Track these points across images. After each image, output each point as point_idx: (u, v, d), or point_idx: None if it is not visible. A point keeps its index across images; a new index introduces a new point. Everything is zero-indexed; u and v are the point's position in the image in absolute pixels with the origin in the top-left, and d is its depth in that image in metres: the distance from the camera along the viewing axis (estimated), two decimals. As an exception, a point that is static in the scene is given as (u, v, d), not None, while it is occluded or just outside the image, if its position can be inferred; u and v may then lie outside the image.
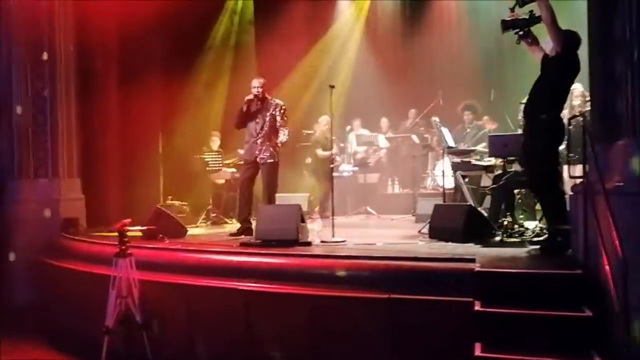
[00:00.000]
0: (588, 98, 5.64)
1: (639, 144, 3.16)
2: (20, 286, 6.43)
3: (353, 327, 3.93)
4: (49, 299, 6.01)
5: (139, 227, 5.54)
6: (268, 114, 5.90)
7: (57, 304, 5.81)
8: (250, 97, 5.88)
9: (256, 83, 5.93)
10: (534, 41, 4.43)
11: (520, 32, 4.40)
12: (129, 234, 4.71)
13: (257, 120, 5.91)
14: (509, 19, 4.40)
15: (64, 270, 5.69)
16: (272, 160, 5.88)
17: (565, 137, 4.43)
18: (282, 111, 5.91)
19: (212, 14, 9.30)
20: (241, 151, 7.95)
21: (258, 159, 5.89)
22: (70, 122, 7.07)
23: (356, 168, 9.27)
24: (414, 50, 10.53)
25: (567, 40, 4.19)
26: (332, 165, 6.23)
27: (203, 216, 7.65)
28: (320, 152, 8.40)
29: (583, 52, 4.08)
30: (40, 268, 6.24)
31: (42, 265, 6.21)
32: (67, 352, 5.26)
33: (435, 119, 7.07)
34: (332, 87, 5.80)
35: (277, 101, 5.99)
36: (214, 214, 7.72)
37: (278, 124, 5.87)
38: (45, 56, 6.81)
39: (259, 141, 5.89)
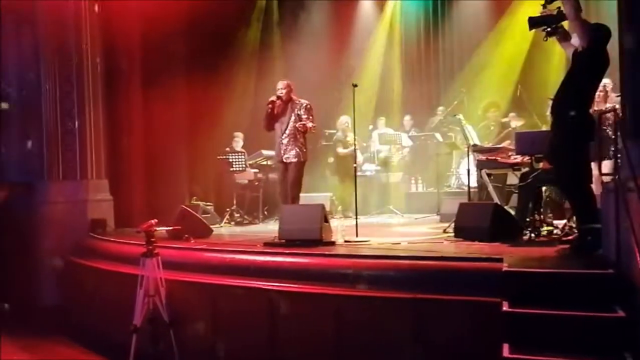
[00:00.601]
0: (608, 91, 5.53)
1: (673, 139, 3.06)
2: (49, 286, 6.56)
3: (378, 327, 3.90)
4: (77, 299, 6.12)
5: (165, 228, 5.60)
6: (293, 114, 5.96)
7: (85, 303, 5.91)
8: (273, 98, 5.95)
9: (280, 85, 6.04)
10: (564, 37, 4.34)
11: (548, 29, 4.33)
12: (155, 234, 4.77)
13: (283, 120, 5.98)
14: (537, 15, 4.34)
15: (93, 270, 5.80)
16: (296, 160, 5.91)
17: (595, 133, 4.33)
18: (306, 109, 5.96)
19: (237, 15, 9.34)
20: (265, 151, 8.05)
21: (284, 159, 5.95)
22: (98, 123, 7.18)
23: (379, 167, 9.23)
24: (438, 48, 10.44)
25: (595, 34, 4.09)
26: (355, 165, 6.20)
27: (227, 216, 7.71)
28: (340, 150, 8.40)
29: (614, 47, 3.98)
30: (69, 268, 6.37)
31: (70, 265, 6.33)
32: (95, 351, 5.34)
33: (460, 116, 6.98)
34: (355, 86, 5.79)
35: (303, 101, 6.04)
36: (238, 214, 7.77)
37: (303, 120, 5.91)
38: (73, 59, 6.92)
39: (284, 141, 5.96)
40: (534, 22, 4.36)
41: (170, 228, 5.76)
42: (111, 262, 5.61)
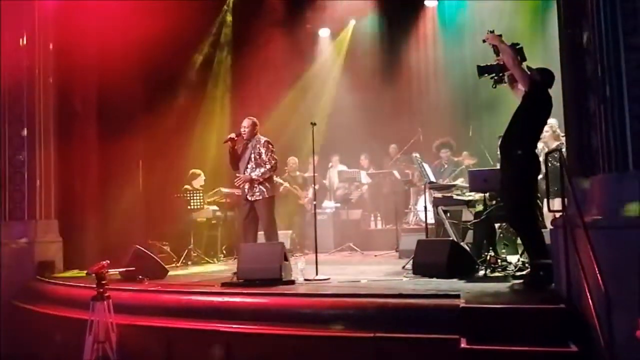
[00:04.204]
0: (556, 131, 5.83)
1: (615, 178, 3.23)
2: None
3: (339, 368, 3.85)
4: (22, 346, 5.77)
5: (117, 269, 5.41)
6: (254, 151, 5.96)
7: (31, 350, 5.57)
8: (232, 135, 5.97)
9: (244, 123, 6.07)
10: (512, 82, 4.58)
11: (495, 77, 4.57)
12: (107, 276, 4.59)
13: (244, 158, 5.97)
14: (484, 65, 4.59)
15: (39, 315, 5.51)
16: (261, 197, 5.87)
17: (543, 171, 4.52)
18: (266, 147, 5.96)
19: (192, 55, 9.41)
20: (224, 189, 7.98)
21: (249, 197, 5.90)
22: (49, 163, 6.96)
23: (338, 204, 9.28)
24: (393, 87, 10.75)
25: (537, 78, 4.34)
26: (314, 202, 6.21)
27: (184, 256, 7.52)
28: (283, 184, 8.47)
29: (557, 88, 4.21)
30: (15, 313, 6.03)
31: (16, 310, 6.00)
32: (41, 402, 5.04)
33: (416, 155, 7.15)
34: (314, 124, 5.85)
35: (262, 138, 6.05)
36: (195, 254, 7.61)
37: (262, 161, 5.91)
38: (24, 98, 6.75)
39: (246, 182, 5.91)
40: (481, 71, 4.61)
41: (124, 269, 5.56)
42: (59, 307, 5.35)
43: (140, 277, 5.53)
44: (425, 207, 6.66)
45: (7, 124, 6.73)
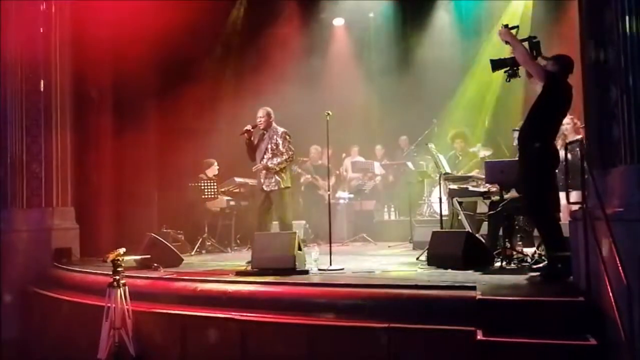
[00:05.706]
0: (577, 123, 5.73)
1: (637, 169, 3.16)
2: (11, 318, 6.29)
3: (352, 357, 3.85)
4: (40, 331, 5.87)
5: (133, 257, 5.46)
6: (271, 142, 5.96)
7: (48, 336, 5.67)
8: (248, 127, 5.97)
9: (259, 113, 6.06)
10: (529, 75, 4.51)
11: (509, 71, 4.50)
12: (123, 263, 4.64)
13: (261, 148, 5.98)
14: (497, 58, 4.52)
15: (56, 301, 5.58)
16: (277, 188, 5.89)
17: (562, 163, 4.45)
18: (283, 137, 5.96)
19: (206, 44, 9.40)
20: (238, 179, 8.01)
21: (264, 187, 5.91)
22: (65, 150, 7.02)
23: (352, 195, 9.27)
24: (409, 78, 10.65)
25: (554, 70, 4.26)
26: (328, 193, 6.20)
27: (198, 245, 7.57)
28: (303, 175, 8.44)
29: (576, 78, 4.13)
30: (32, 299, 6.12)
31: (33, 296, 6.09)
32: (58, 386, 5.12)
33: (431, 145, 7.09)
34: (329, 114, 5.83)
35: (279, 128, 6.05)
36: (209, 243, 7.65)
37: (279, 151, 5.91)
38: (41, 86, 6.80)
39: (263, 169, 5.91)
40: (495, 65, 4.54)
41: (139, 257, 5.61)
42: (76, 293, 5.42)
43: (155, 265, 5.58)
44: (440, 199, 6.61)
45: (24, 112, 6.78)
